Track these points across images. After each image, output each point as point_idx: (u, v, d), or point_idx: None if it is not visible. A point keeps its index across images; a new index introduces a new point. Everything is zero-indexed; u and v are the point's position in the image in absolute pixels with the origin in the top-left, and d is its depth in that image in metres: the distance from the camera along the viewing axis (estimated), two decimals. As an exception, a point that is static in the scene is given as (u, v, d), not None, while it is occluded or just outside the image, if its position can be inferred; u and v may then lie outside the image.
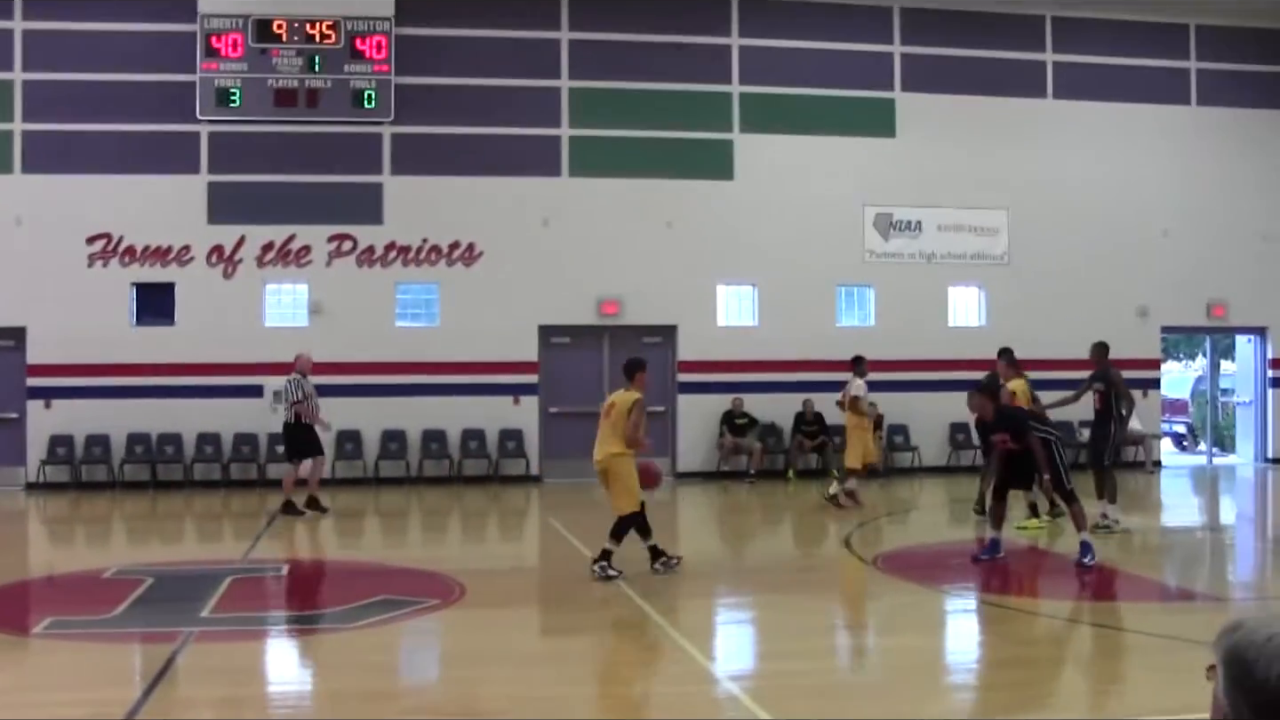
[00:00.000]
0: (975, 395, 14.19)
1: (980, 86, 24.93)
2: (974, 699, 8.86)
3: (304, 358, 19.02)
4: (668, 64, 23.72)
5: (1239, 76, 26.27)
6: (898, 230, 24.58)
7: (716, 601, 12.43)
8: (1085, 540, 13.36)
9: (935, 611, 11.97)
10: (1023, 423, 13.89)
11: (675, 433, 23.83)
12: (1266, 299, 26.18)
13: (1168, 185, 25.67)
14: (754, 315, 24.10)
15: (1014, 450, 13.77)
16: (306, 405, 18.54)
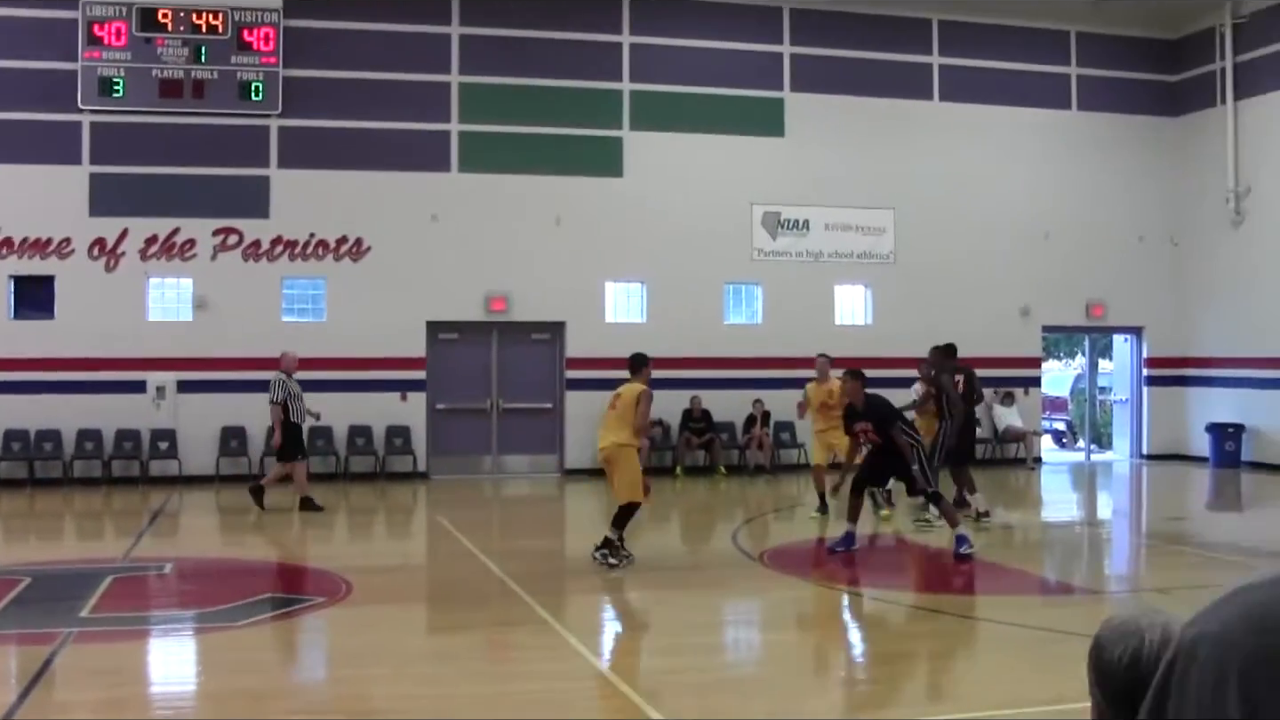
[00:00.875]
0: (849, 378, 14.39)
1: (868, 88, 25.24)
2: (858, 693, 9.00)
3: (289, 355, 18.73)
4: (558, 60, 23.72)
5: (1117, 83, 26.87)
6: (785, 229, 24.80)
7: (604, 598, 12.48)
8: (961, 534, 13.64)
9: (821, 607, 12.14)
10: (889, 416, 14.08)
11: (563, 430, 23.85)
12: (1142, 300, 26.83)
13: (1049, 188, 26.19)
14: (642, 312, 24.18)
15: (878, 445, 14.01)
16: (286, 407, 18.28)
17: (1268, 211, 24.71)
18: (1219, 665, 1.96)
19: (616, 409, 13.43)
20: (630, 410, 13.23)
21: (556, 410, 23.91)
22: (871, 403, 14.27)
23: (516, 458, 23.94)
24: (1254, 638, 1.95)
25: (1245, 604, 2.02)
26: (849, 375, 14.48)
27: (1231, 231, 25.76)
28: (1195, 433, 26.32)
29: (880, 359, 22.47)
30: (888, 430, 13.88)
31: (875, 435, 14.05)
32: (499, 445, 23.86)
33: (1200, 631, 2.03)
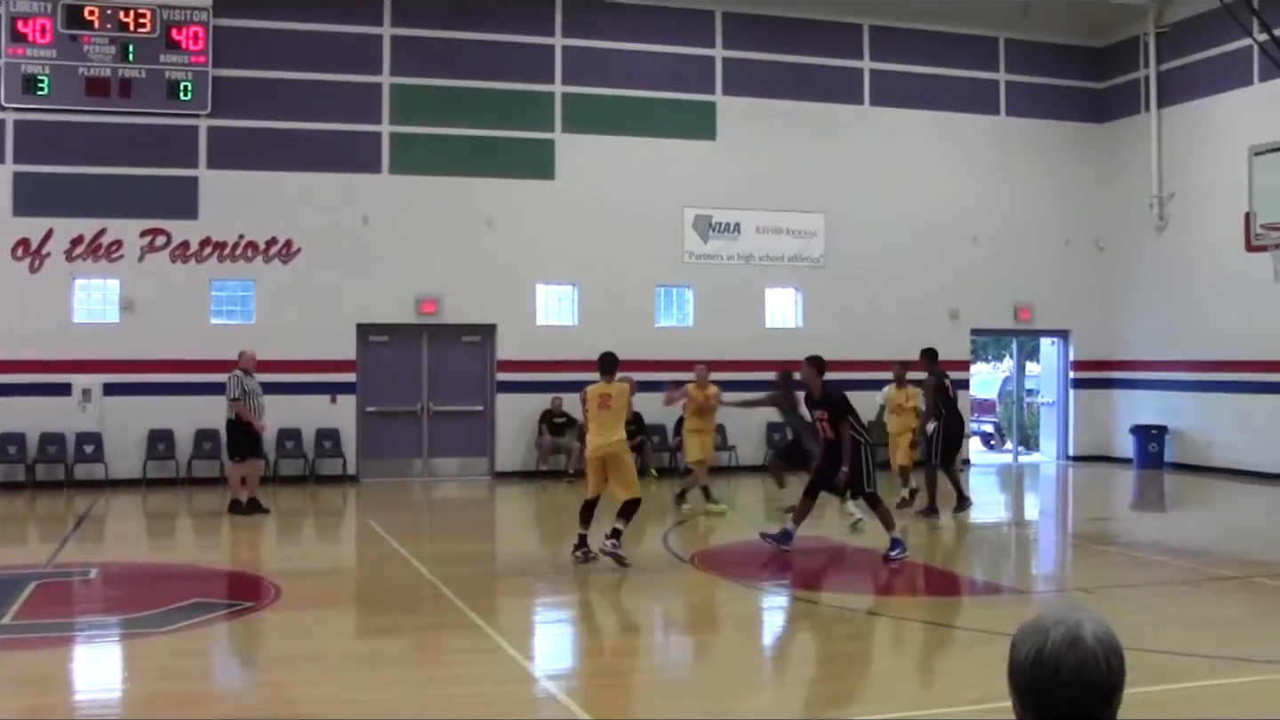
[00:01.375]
0: (808, 365, 14.49)
1: (799, 92, 25.39)
2: (790, 694, 9.05)
3: (248, 355, 18.56)
4: (491, 62, 23.67)
5: (1045, 89, 27.21)
6: (717, 232, 24.89)
7: (535, 601, 12.48)
8: (896, 538, 13.75)
9: (752, 608, 12.20)
10: (842, 408, 14.13)
11: (494, 432, 23.81)
12: (1069, 303, 27.18)
13: (978, 192, 26.46)
14: (573, 315, 24.18)
15: (830, 440, 14.09)
16: (245, 403, 18.08)
17: (1190, 217, 25.09)
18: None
19: (611, 409, 13.45)
20: (625, 408, 13.53)
21: (487, 413, 23.88)
22: (828, 392, 14.34)
23: (447, 460, 23.88)
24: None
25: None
26: (808, 363, 14.55)
27: (1155, 236, 26.13)
28: (1120, 434, 26.68)
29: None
30: (839, 423, 13.95)
31: (828, 428, 14.14)
32: (429, 448, 23.78)
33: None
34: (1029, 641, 2.50)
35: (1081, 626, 2.49)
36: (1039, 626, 2.52)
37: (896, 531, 13.94)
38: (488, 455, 23.88)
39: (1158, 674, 8.68)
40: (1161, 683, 8.47)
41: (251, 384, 18.29)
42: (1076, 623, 2.50)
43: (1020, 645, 2.52)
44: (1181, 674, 9.09)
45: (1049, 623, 2.51)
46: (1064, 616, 2.52)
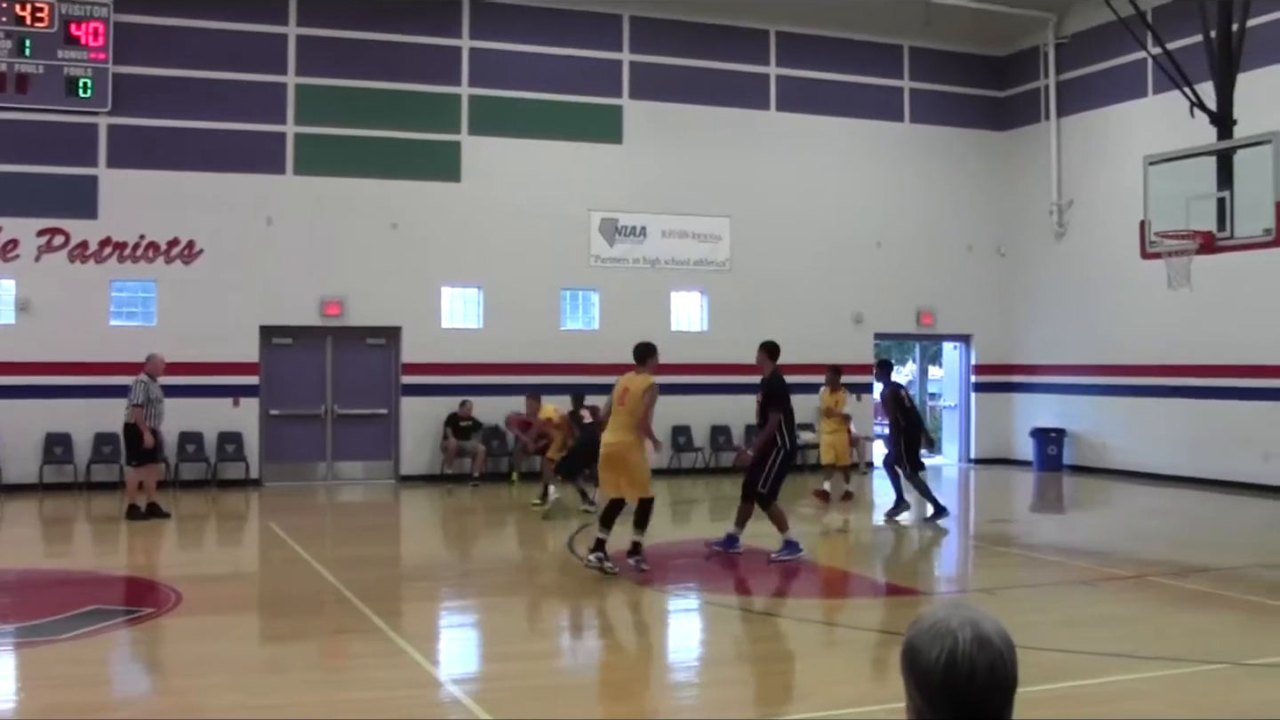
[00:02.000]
0: (760, 350, 14.71)
1: (706, 96, 25.52)
2: (695, 696, 9.10)
3: (156, 358, 18.20)
4: (397, 63, 23.53)
5: (948, 97, 27.59)
6: (623, 235, 24.94)
7: (440, 605, 12.44)
8: (791, 540, 13.86)
9: (657, 611, 12.23)
10: (775, 398, 14.19)
11: (398, 436, 23.68)
12: (971, 308, 27.57)
13: (882, 198, 26.75)
14: (479, 318, 24.11)
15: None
16: (144, 410, 17.75)
17: (1088, 224, 25.55)
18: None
19: (625, 404, 12.97)
20: (638, 405, 12.87)
21: (392, 416, 23.74)
22: (771, 379, 14.40)
23: (351, 464, 23.70)
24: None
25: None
26: (761, 348, 14.77)
27: (1055, 243, 26.58)
28: (1020, 437, 27.09)
29: (715, 365, 22.80)
30: (767, 411, 14.02)
31: (759, 412, 14.24)
32: (334, 451, 23.60)
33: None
34: (936, 645, 2.51)
35: (982, 625, 2.52)
36: (944, 629, 2.53)
37: (790, 534, 14.04)
38: (392, 459, 23.74)
39: (1055, 672, 8.83)
40: (1059, 680, 8.62)
41: (156, 390, 18.04)
42: (977, 622, 2.53)
43: (927, 649, 2.52)
44: (1078, 672, 9.26)
45: (954, 625, 2.53)
46: (964, 616, 2.55)
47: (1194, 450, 23.06)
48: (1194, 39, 18.18)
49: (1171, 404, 23.48)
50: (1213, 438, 22.94)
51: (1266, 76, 20.85)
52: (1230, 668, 9.40)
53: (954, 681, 2.49)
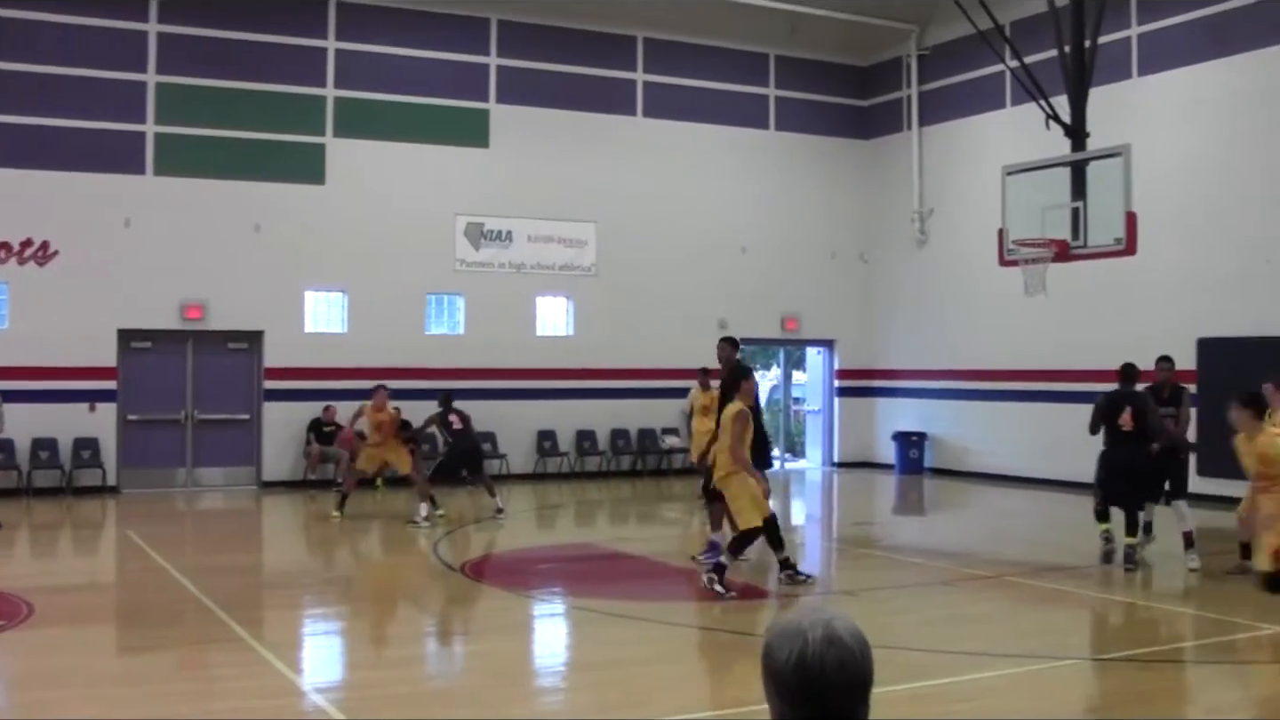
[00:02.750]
0: (721, 343, 15.03)
1: (573, 101, 25.53)
2: (561, 701, 9.11)
3: None
4: (261, 63, 23.19)
5: (812, 105, 27.93)
6: (488, 240, 24.85)
7: (303, 613, 12.30)
8: (714, 540, 13.95)
9: (523, 616, 12.22)
10: (729, 394, 14.12)
11: (260, 441, 23.33)
12: (834, 314, 27.94)
13: (747, 204, 26.98)
14: (343, 322, 23.86)
15: None
16: None
17: (948, 232, 26.04)
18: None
19: (721, 433, 12.81)
20: (725, 433, 12.59)
21: (254, 421, 23.39)
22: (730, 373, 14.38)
23: (212, 470, 23.30)
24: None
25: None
26: (721, 342, 15.14)
27: (916, 250, 27.04)
28: (882, 441, 27.51)
29: (581, 370, 22.82)
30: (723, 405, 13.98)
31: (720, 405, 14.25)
32: (194, 457, 23.18)
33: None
34: (788, 645, 2.56)
35: (834, 625, 2.58)
36: (795, 630, 2.58)
37: (717, 536, 14.09)
38: (254, 464, 23.39)
39: (916, 671, 8.99)
40: (919, 680, 8.77)
41: None
42: (829, 621, 2.58)
43: (779, 650, 2.57)
44: (939, 670, 9.44)
45: (805, 625, 2.58)
46: (815, 617, 2.60)
47: (1050, 452, 23.57)
48: (1049, 54, 18.63)
49: (1028, 408, 24.00)
50: (1068, 440, 23.41)
51: (1117, 91, 21.47)
52: (1083, 663, 9.65)
53: (804, 680, 2.54)
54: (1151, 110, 21.70)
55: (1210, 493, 20.28)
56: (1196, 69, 21.50)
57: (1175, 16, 21.80)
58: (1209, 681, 9.59)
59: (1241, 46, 20.81)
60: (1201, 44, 21.42)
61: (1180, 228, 20.86)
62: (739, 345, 15.15)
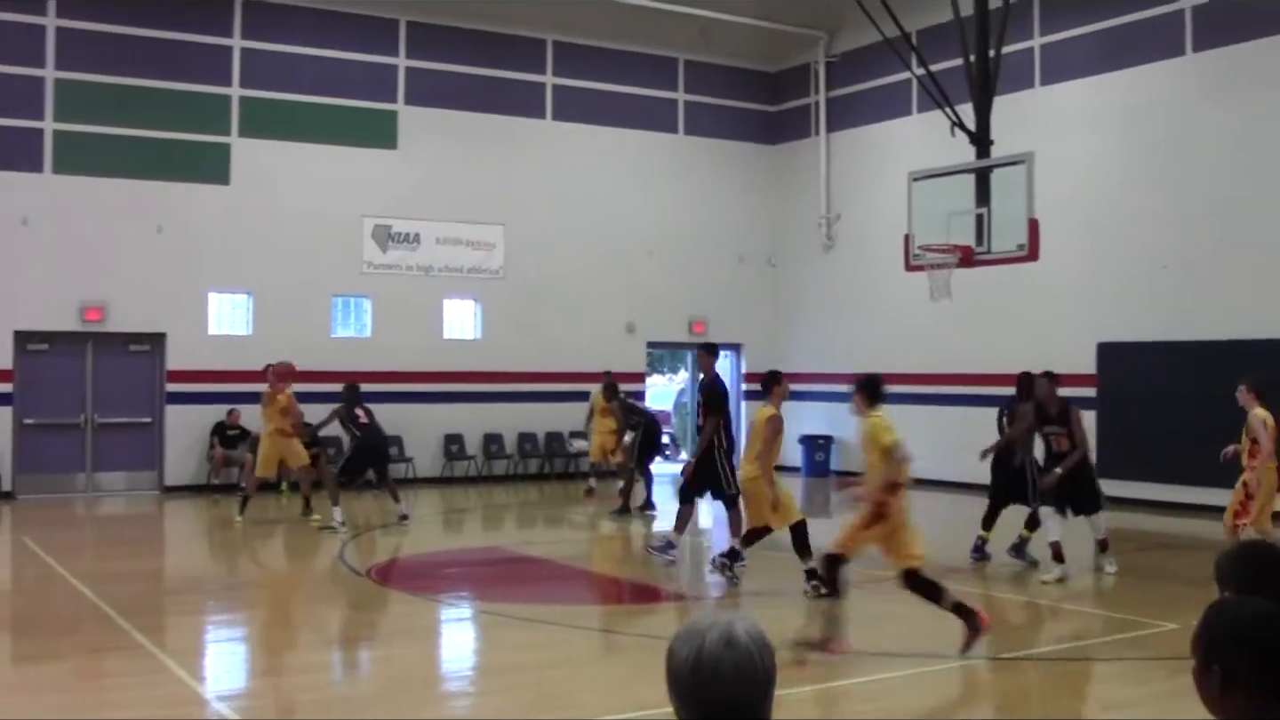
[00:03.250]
0: (700, 351, 15.21)
1: (483, 104, 25.42)
2: (469, 705, 9.07)
3: None
4: (165, 61, 22.81)
5: (721, 110, 28.05)
6: (396, 242, 24.69)
7: (205, 619, 12.14)
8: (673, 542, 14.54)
9: (429, 621, 12.15)
10: (715, 399, 14.40)
11: (163, 445, 22.98)
12: (742, 317, 28.06)
13: (656, 208, 27.02)
14: (248, 324, 23.57)
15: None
16: None
17: (855, 237, 26.26)
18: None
19: (752, 435, 13.10)
20: (758, 439, 12.81)
21: (156, 425, 23.02)
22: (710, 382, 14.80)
23: (113, 475, 22.90)
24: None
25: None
26: (701, 348, 15.39)
27: (823, 255, 27.25)
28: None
29: (489, 373, 22.69)
30: (706, 414, 14.18)
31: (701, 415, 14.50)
32: (94, 462, 22.76)
33: None
34: (687, 645, 2.60)
35: (734, 627, 2.61)
36: (694, 630, 2.62)
37: (673, 536, 14.57)
38: (157, 469, 23.02)
39: (819, 673, 9.04)
40: (823, 681, 8.82)
41: None
42: (728, 624, 2.62)
43: (678, 651, 2.61)
44: (841, 671, 9.50)
45: (703, 626, 2.62)
46: (717, 619, 2.64)
47: (955, 455, 23.77)
48: (955, 62, 18.84)
49: (934, 411, 24.21)
50: (973, 443, 23.70)
51: (1020, 100, 21.80)
52: (986, 662, 9.76)
53: (700, 681, 2.58)
54: (1054, 119, 22.04)
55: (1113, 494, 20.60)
56: (1097, 79, 21.90)
57: (1076, 29, 22.21)
58: (1107, 678, 9.75)
59: (1140, 59, 21.23)
60: (1102, 56, 21.82)
61: (1081, 234, 21.21)
62: (719, 353, 15.34)
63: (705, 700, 2.57)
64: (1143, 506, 19.70)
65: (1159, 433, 20.26)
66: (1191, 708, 3.23)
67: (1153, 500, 20.02)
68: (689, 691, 2.59)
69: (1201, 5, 20.33)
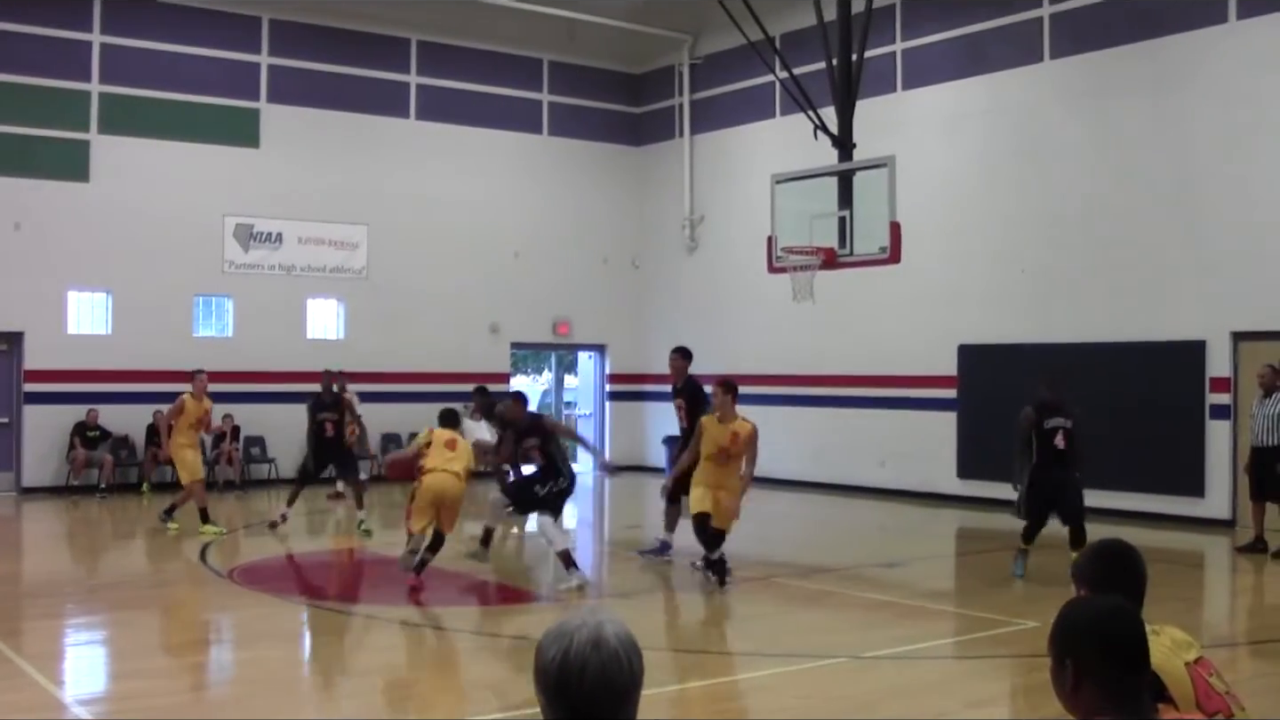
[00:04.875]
0: (674, 354, 15.34)
1: (346, 103, 25.25)
2: (331, 706, 9.06)
3: None
4: (21, 55, 22.33)
5: (586, 111, 28.17)
6: (258, 241, 24.43)
7: (65, 622, 11.96)
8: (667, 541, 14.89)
9: (293, 622, 12.09)
10: (699, 400, 14.55)
11: (20, 446, 22.49)
12: (606, 319, 28.22)
13: (521, 209, 27.06)
14: (107, 324, 23.16)
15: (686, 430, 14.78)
16: None
17: (718, 239, 26.54)
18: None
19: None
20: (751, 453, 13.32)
21: (13, 425, 22.52)
22: (691, 384, 15.13)
23: (-34, 475, 22.38)
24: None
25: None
26: (676, 352, 15.46)
27: (687, 256, 27.50)
28: (653, 444, 27.82)
29: (352, 373, 22.46)
30: (695, 414, 14.29)
31: (685, 415, 14.78)
32: (-53, 463, 22.22)
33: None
34: (554, 645, 2.64)
35: (603, 628, 2.66)
36: (563, 631, 2.67)
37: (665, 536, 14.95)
38: (13, 470, 22.52)
39: (686, 671, 9.19)
40: (690, 679, 8.97)
41: None
42: (598, 624, 2.66)
43: (546, 650, 2.66)
44: (709, 670, 9.66)
45: (572, 626, 2.67)
46: (585, 619, 2.68)
47: (818, 457, 24.22)
48: (818, 66, 19.10)
49: (796, 412, 24.56)
50: (835, 445, 24.17)
51: (882, 104, 22.18)
52: (848, 661, 9.97)
53: (565, 681, 2.62)
54: (915, 124, 22.48)
55: (972, 496, 21.23)
56: (957, 84, 22.38)
57: (937, 34, 22.67)
58: (968, 675, 10.01)
59: (998, 65, 21.74)
60: (962, 61, 22.30)
61: (942, 237, 21.66)
62: (691, 356, 15.52)
63: (570, 700, 2.61)
64: (1002, 507, 20.15)
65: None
66: (1052, 704, 3.37)
67: (1012, 501, 20.49)
68: (555, 691, 2.62)
69: (1059, 13, 20.88)
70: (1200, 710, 3.80)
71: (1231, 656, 10.28)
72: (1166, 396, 19.11)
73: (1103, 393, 18.62)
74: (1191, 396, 18.93)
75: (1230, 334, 18.73)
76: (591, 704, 2.60)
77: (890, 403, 23.23)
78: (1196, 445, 18.91)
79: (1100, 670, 3.14)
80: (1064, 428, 13.61)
